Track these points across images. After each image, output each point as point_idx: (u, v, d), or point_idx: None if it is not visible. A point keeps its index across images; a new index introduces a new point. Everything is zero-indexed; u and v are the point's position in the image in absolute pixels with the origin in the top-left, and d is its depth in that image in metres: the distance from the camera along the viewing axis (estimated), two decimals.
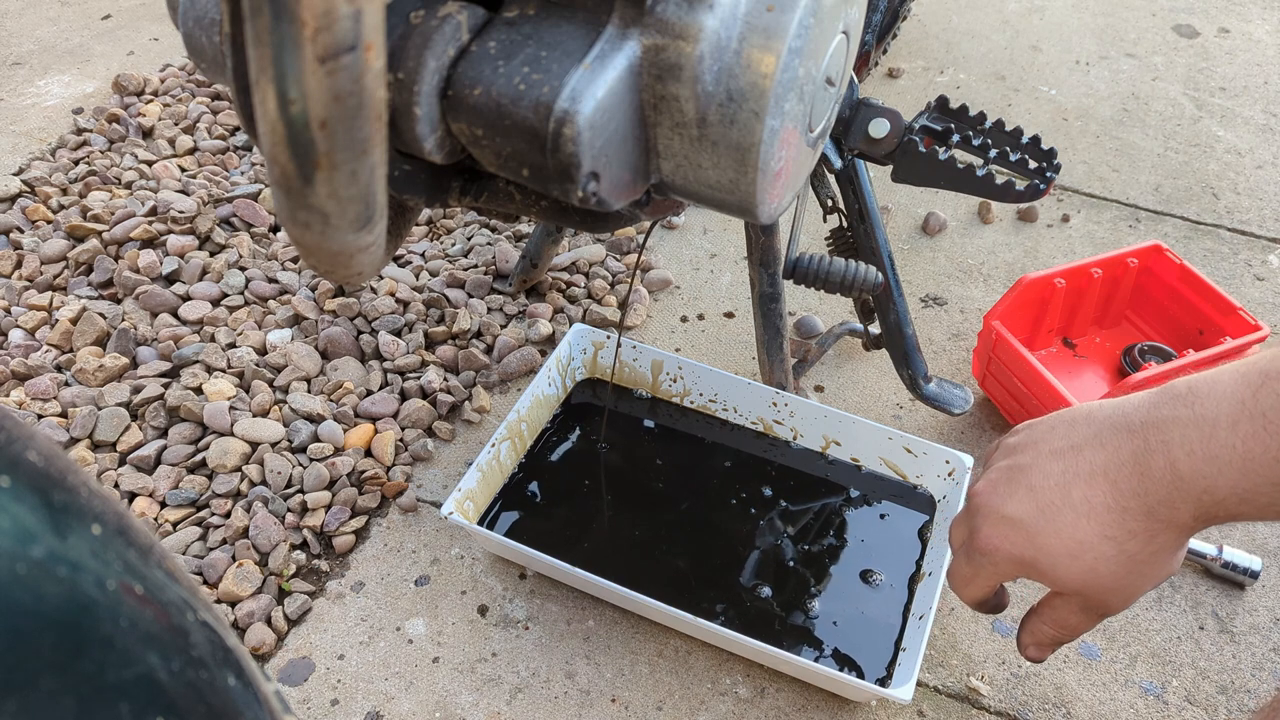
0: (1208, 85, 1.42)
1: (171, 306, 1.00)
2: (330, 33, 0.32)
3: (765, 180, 0.50)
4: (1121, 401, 0.47)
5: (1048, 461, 0.47)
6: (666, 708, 0.74)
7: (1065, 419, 0.49)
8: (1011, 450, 0.50)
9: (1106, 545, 0.45)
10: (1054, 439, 0.48)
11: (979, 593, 0.52)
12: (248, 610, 0.77)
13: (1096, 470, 0.45)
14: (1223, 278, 1.11)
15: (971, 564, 0.50)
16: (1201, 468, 0.42)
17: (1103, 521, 0.45)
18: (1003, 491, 0.48)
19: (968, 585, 0.52)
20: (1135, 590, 0.47)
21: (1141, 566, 0.46)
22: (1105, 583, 0.46)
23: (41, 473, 0.23)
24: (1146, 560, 0.46)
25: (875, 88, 1.40)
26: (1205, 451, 0.42)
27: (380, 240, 0.43)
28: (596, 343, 0.93)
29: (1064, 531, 0.46)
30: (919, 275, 1.11)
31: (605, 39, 0.46)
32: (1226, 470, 0.42)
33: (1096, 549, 0.45)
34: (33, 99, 1.31)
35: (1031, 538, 0.47)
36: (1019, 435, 0.51)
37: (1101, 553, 0.45)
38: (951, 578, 0.53)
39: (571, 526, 0.82)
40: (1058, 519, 0.46)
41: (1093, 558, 0.46)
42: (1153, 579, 0.47)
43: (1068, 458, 0.47)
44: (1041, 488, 0.47)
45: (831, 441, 0.88)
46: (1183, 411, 0.43)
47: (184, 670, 0.23)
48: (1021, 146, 0.74)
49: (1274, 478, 0.41)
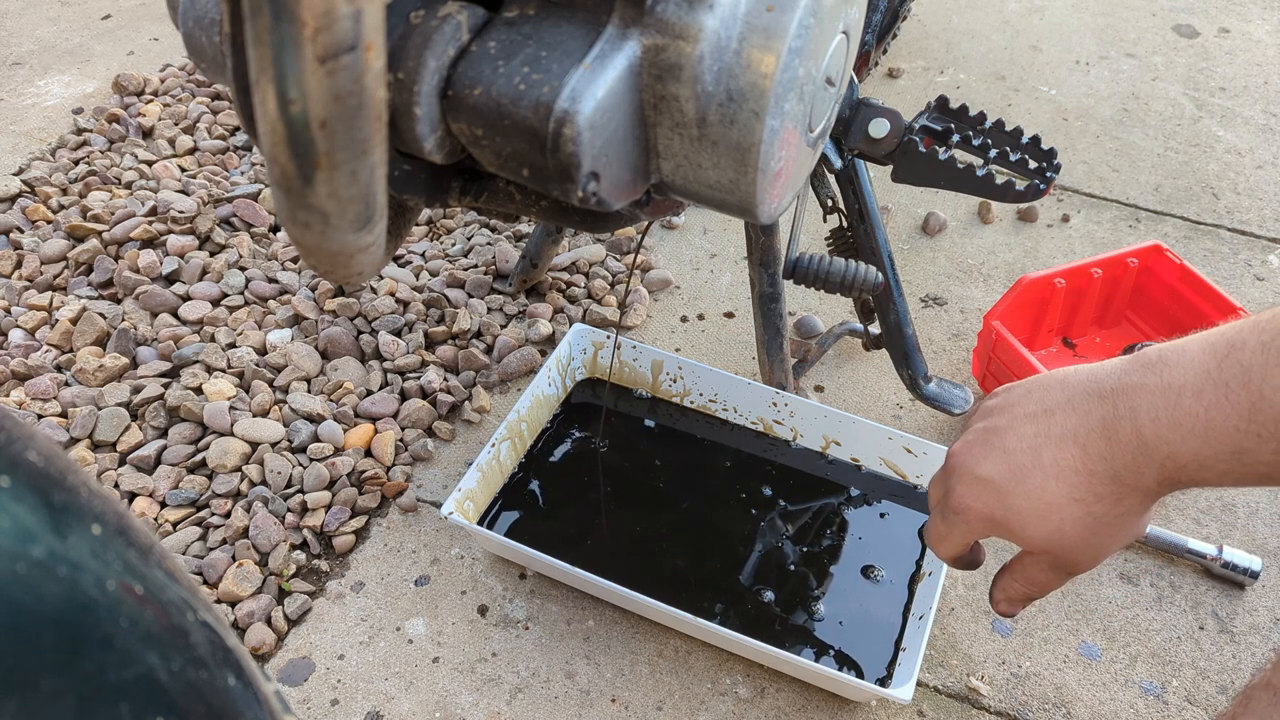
0: (1208, 85, 1.42)
1: (171, 306, 1.00)
2: (330, 33, 0.32)
3: (765, 180, 0.50)
4: (1095, 367, 0.48)
5: (1022, 424, 0.49)
6: (666, 708, 0.74)
7: (1041, 383, 0.50)
8: (988, 413, 0.52)
9: (1074, 507, 0.47)
10: (1029, 403, 0.49)
11: (953, 549, 0.54)
12: (248, 610, 0.77)
13: (1067, 434, 0.46)
14: (1223, 278, 1.11)
15: (946, 522, 0.52)
16: (1166, 434, 0.43)
17: (1071, 484, 0.46)
18: (977, 453, 0.50)
19: (942, 542, 0.54)
20: (1102, 550, 0.49)
21: (1107, 528, 0.47)
22: (1072, 542, 0.48)
23: (41, 473, 0.23)
24: (1112, 522, 0.47)
25: (875, 88, 1.40)
26: (1170, 418, 0.43)
27: (380, 240, 0.43)
28: (596, 343, 0.93)
29: (1033, 493, 0.47)
30: (919, 275, 1.11)
31: (605, 39, 0.46)
32: (1189, 437, 0.43)
33: (1064, 510, 0.47)
34: (33, 99, 1.31)
35: (1002, 498, 0.48)
36: (997, 398, 0.52)
37: (1069, 514, 0.47)
38: (928, 535, 0.55)
39: (571, 526, 0.82)
40: (1028, 480, 0.47)
41: (1060, 518, 0.47)
42: (1118, 540, 0.48)
43: (1040, 421, 0.48)
44: (1014, 450, 0.48)
45: (831, 441, 0.88)
46: (1151, 379, 0.44)
47: (184, 670, 0.23)
48: (1021, 146, 0.74)
49: (1233, 446, 0.42)
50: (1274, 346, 0.41)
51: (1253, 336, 0.42)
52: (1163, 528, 0.85)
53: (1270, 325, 0.42)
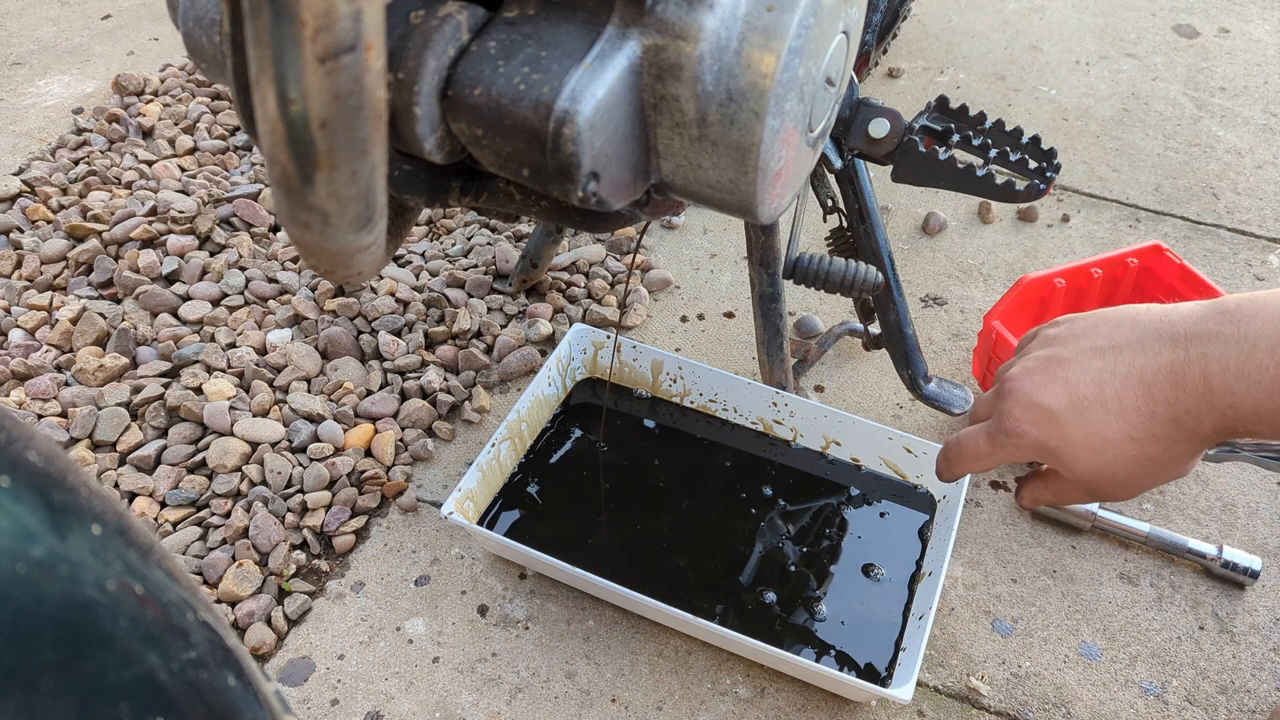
0: (1208, 85, 1.42)
1: (171, 306, 1.00)
2: (330, 33, 0.32)
3: (765, 180, 0.50)
4: (1169, 309, 0.48)
5: (1088, 358, 0.49)
6: (666, 708, 0.74)
7: (1110, 318, 0.50)
8: (1050, 341, 0.52)
9: (1129, 445, 0.47)
10: (1095, 336, 0.50)
11: (984, 468, 0.55)
12: (248, 610, 0.77)
13: (1133, 373, 0.47)
14: (1223, 278, 1.11)
15: (992, 442, 0.52)
16: (1233, 384, 0.44)
17: (1130, 423, 0.47)
18: (1038, 380, 0.50)
19: (979, 460, 0.54)
20: (1143, 487, 0.50)
21: (1157, 468, 0.48)
22: (1119, 478, 0.49)
23: (41, 473, 0.23)
24: (1163, 463, 0.48)
25: (875, 88, 1.40)
26: (1239, 369, 0.44)
27: (380, 240, 0.43)
28: (596, 343, 0.93)
29: (1091, 427, 0.48)
30: (919, 275, 1.11)
31: (605, 39, 0.46)
32: (1254, 389, 0.43)
33: (1119, 447, 0.48)
34: (33, 99, 1.31)
35: (1059, 428, 0.49)
36: (1059, 328, 0.52)
37: (1123, 451, 0.48)
38: (961, 449, 0.55)
39: (571, 526, 0.82)
40: (1088, 414, 0.48)
41: (1114, 454, 0.48)
42: (1162, 480, 0.49)
43: (1108, 356, 0.48)
44: (1078, 382, 0.49)
45: (831, 441, 0.88)
46: (1227, 328, 0.45)
47: (184, 670, 0.23)
48: (1021, 146, 0.74)
49: None
50: None
51: None
52: (1163, 528, 0.85)
53: None
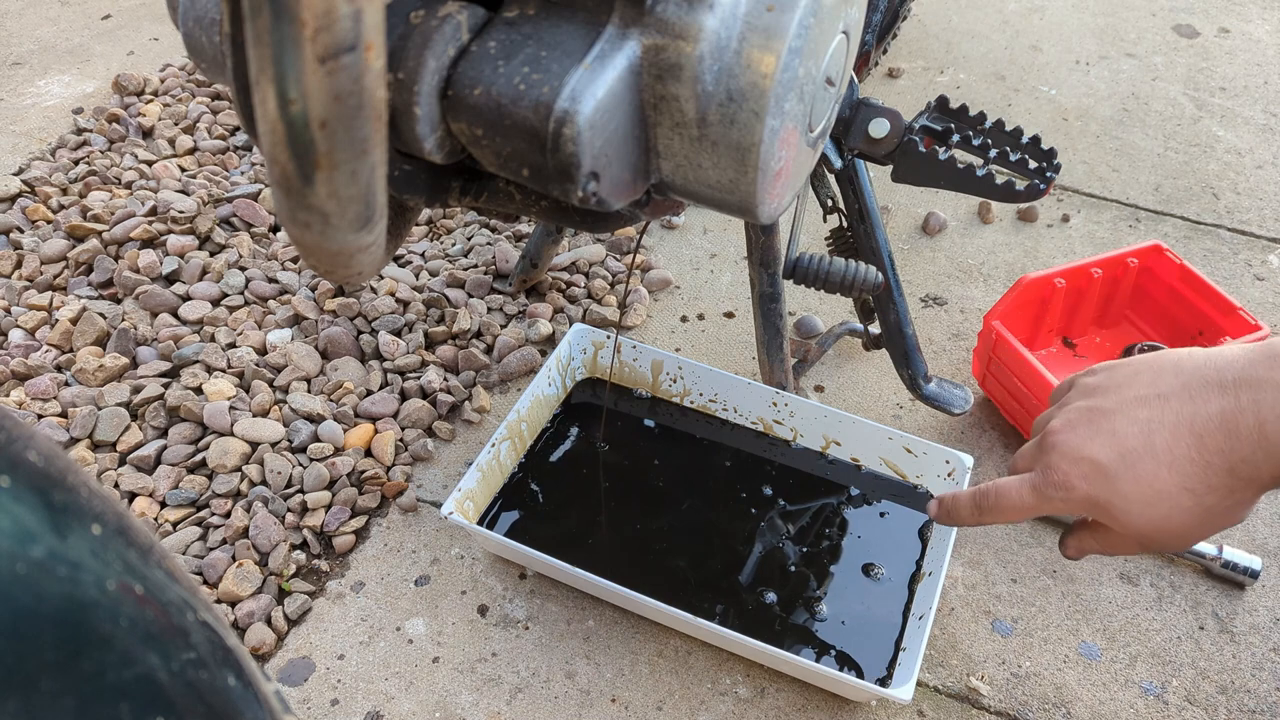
0: (1208, 85, 1.42)
1: (171, 306, 1.00)
2: (330, 33, 0.32)
3: (765, 180, 0.50)
4: (1214, 354, 0.47)
5: (1133, 408, 0.48)
6: (666, 708, 0.74)
7: (1152, 365, 0.49)
8: (1091, 391, 0.51)
9: (1185, 497, 0.46)
10: (1139, 385, 0.48)
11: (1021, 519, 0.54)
12: (248, 610, 0.77)
13: (1183, 422, 0.46)
14: (1223, 278, 1.11)
15: (1038, 495, 0.51)
16: None
17: (1184, 474, 0.46)
18: (1084, 432, 0.49)
19: (1019, 513, 0.53)
20: (1197, 538, 0.48)
21: (1214, 517, 0.47)
22: (1175, 529, 0.47)
23: (41, 473, 0.23)
24: (1220, 512, 0.46)
25: (875, 88, 1.40)
26: None
27: (380, 240, 0.43)
28: (596, 343, 0.93)
29: (1144, 479, 0.46)
30: (919, 275, 1.11)
31: (605, 39, 0.46)
32: None
33: (1174, 499, 0.46)
34: (33, 99, 1.31)
35: (1110, 481, 0.48)
36: (1098, 376, 0.51)
37: (1179, 503, 0.46)
38: (1000, 499, 0.54)
39: (571, 526, 0.82)
40: (1139, 466, 0.47)
41: (1169, 507, 0.46)
42: (1220, 528, 0.48)
43: (1154, 406, 0.47)
44: (1125, 433, 0.47)
45: (831, 441, 0.88)
46: (1278, 374, 0.43)
47: (184, 670, 0.23)
48: (1021, 146, 0.74)
49: None
50: None
51: None
52: None
53: None
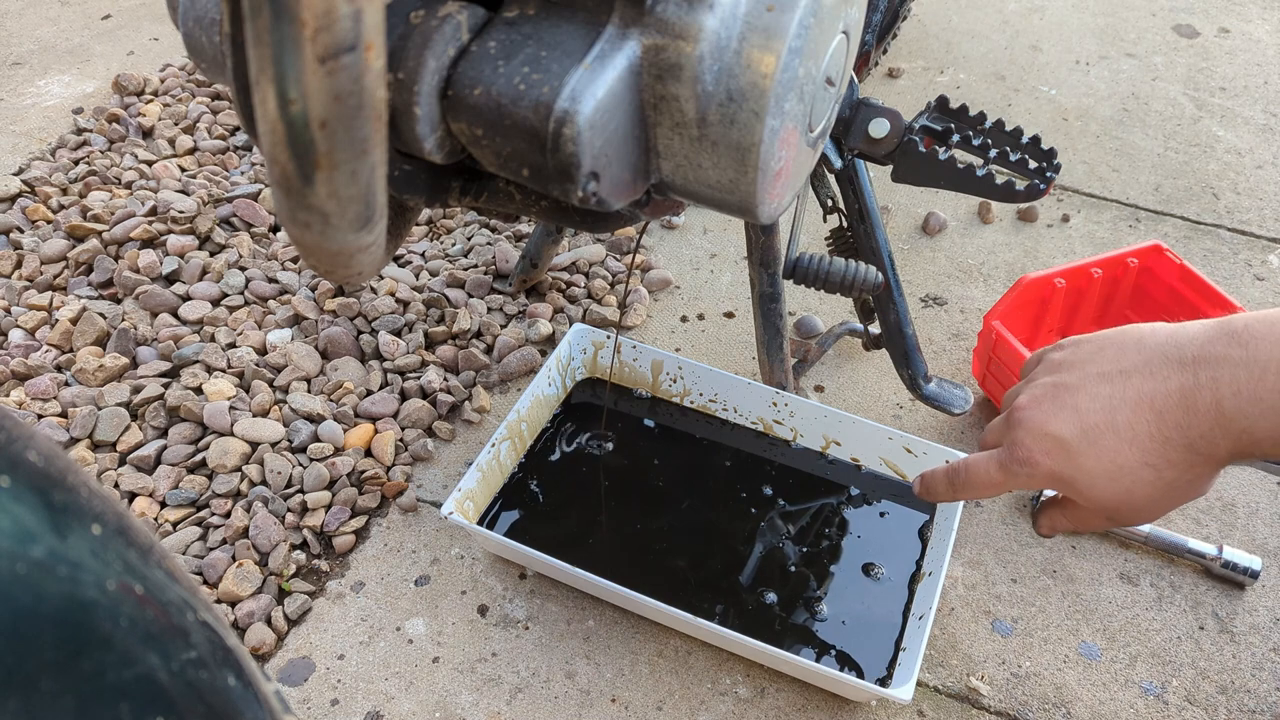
0: (1208, 85, 1.42)
1: (171, 306, 1.00)
2: (330, 33, 0.32)
3: (765, 180, 0.50)
4: (1176, 330, 0.48)
5: (1095, 384, 0.48)
6: (666, 708, 0.74)
7: (1115, 341, 0.50)
8: (1056, 367, 0.51)
9: (1146, 471, 0.47)
10: (1102, 361, 0.49)
11: (992, 495, 0.55)
12: (248, 610, 0.77)
13: (1144, 398, 0.47)
14: (1223, 278, 1.11)
15: (1004, 472, 0.52)
16: (1246, 408, 0.44)
17: (1145, 449, 0.47)
18: (1047, 408, 0.50)
19: (988, 489, 0.54)
20: (1163, 511, 0.49)
21: (1175, 491, 0.48)
22: (1138, 503, 0.49)
23: (41, 473, 0.23)
24: (1181, 486, 0.48)
25: (875, 88, 1.40)
26: (1252, 394, 0.43)
27: (380, 240, 0.43)
28: (596, 342, 0.93)
29: (1105, 455, 0.48)
30: (919, 275, 1.11)
31: (605, 39, 0.46)
32: (1269, 414, 0.43)
33: (1135, 474, 0.47)
34: (33, 99, 1.31)
35: (1073, 457, 0.49)
36: (1064, 352, 0.52)
37: (1140, 478, 0.47)
38: (970, 475, 0.55)
39: (571, 526, 0.82)
40: (1101, 441, 0.48)
41: (1130, 481, 0.48)
42: (1181, 502, 0.49)
43: (1116, 382, 0.48)
44: (1088, 409, 0.48)
45: (831, 441, 0.88)
46: (1236, 351, 0.44)
47: (184, 670, 0.23)
48: (1021, 146, 0.74)
49: None
50: None
51: None
52: (1163, 528, 0.85)
53: None
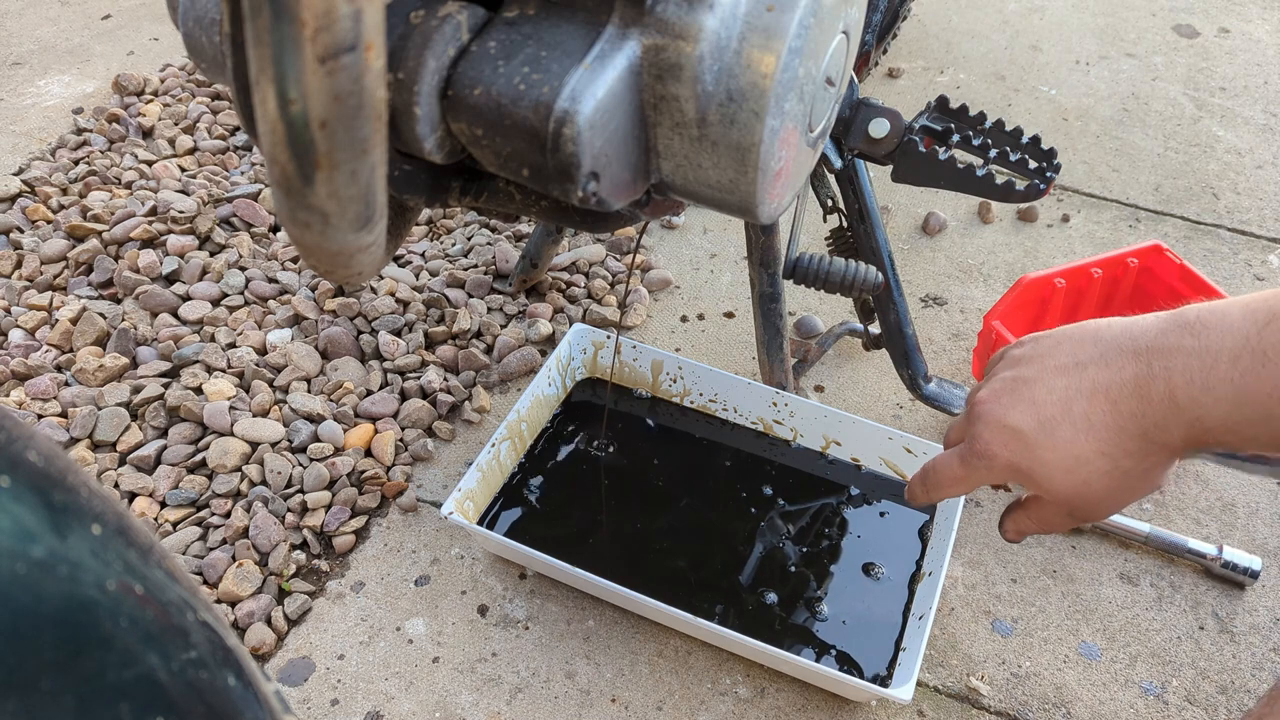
0: (1208, 85, 1.42)
1: (171, 306, 1.00)
2: (330, 33, 0.32)
3: (765, 180, 0.50)
4: (1130, 323, 0.48)
5: (1052, 376, 0.49)
6: (666, 708, 0.74)
7: (1073, 335, 0.50)
8: (1016, 361, 0.52)
9: (1101, 461, 0.47)
10: (1060, 354, 0.49)
11: (961, 492, 0.55)
12: (248, 610, 0.77)
13: (1099, 389, 0.47)
14: (1223, 278, 1.11)
15: (966, 466, 0.52)
16: (1198, 396, 0.44)
17: (1100, 439, 0.47)
18: (1006, 401, 0.50)
19: (954, 485, 0.54)
20: (1121, 503, 0.50)
21: (1131, 481, 0.48)
22: (1096, 494, 0.49)
23: (41, 473, 0.23)
24: (1137, 476, 0.48)
25: (875, 88, 1.40)
26: (1204, 382, 0.44)
27: (380, 240, 0.43)
28: (596, 342, 0.93)
29: (1061, 445, 0.48)
30: (919, 275, 1.11)
31: (605, 39, 0.46)
32: (1221, 402, 0.43)
33: (1092, 464, 0.48)
34: (33, 99, 1.31)
35: (1030, 448, 0.49)
36: (1024, 347, 0.52)
37: (1096, 468, 0.48)
38: (937, 474, 0.55)
39: (571, 526, 0.82)
40: (1057, 432, 0.48)
41: (1087, 471, 0.48)
42: (1139, 493, 0.49)
43: (1072, 374, 0.48)
44: (1044, 401, 0.49)
45: (831, 441, 0.88)
46: (1189, 341, 0.44)
47: (184, 670, 0.23)
48: (1021, 146, 0.74)
49: (1263, 413, 0.43)
50: None
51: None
52: (1163, 528, 0.85)
53: None
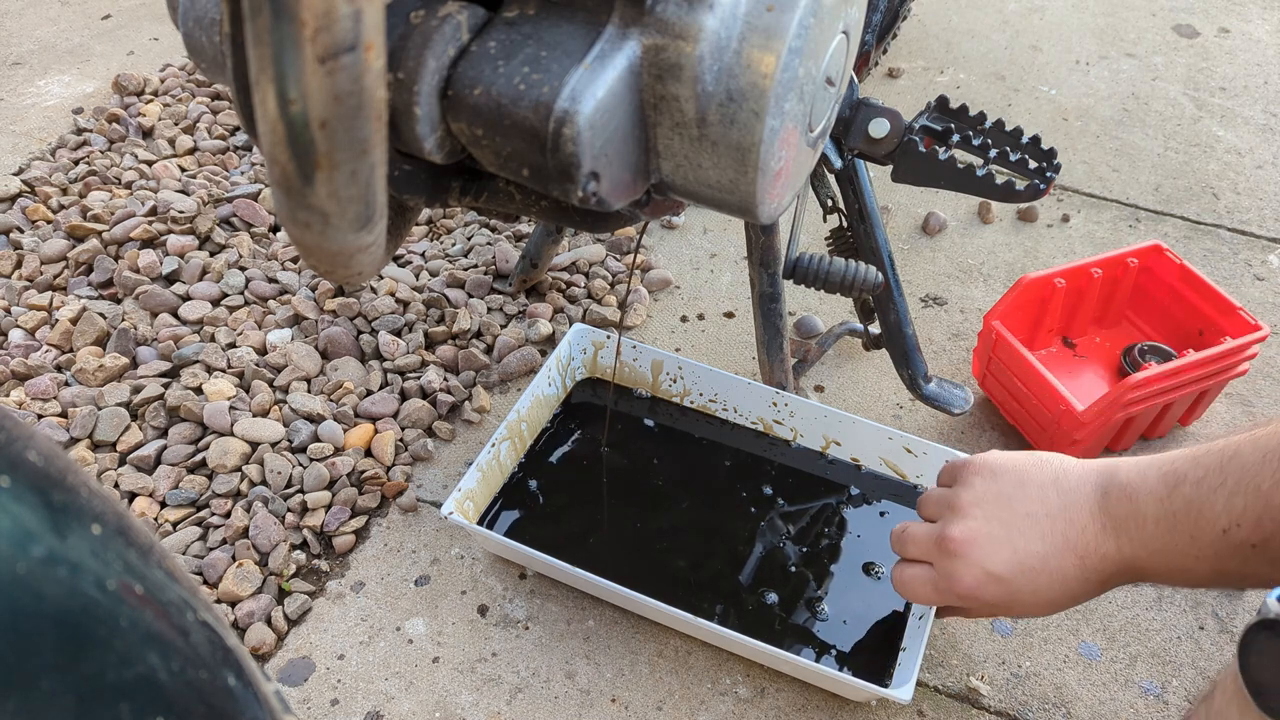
0: (1208, 85, 1.42)
1: (171, 306, 1.00)
2: (330, 33, 0.32)
3: (765, 180, 0.50)
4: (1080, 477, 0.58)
5: (1024, 523, 0.58)
6: (666, 708, 0.74)
7: (1034, 479, 0.59)
8: (980, 501, 0.60)
9: (1065, 599, 0.58)
10: (1027, 501, 0.58)
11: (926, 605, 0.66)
12: (248, 610, 0.77)
13: (1069, 545, 0.57)
14: (1223, 278, 1.11)
15: (940, 595, 0.62)
16: (1138, 551, 0.55)
17: (1068, 583, 0.57)
18: (986, 548, 0.58)
19: (928, 603, 0.64)
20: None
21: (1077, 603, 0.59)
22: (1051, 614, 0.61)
23: (41, 473, 0.23)
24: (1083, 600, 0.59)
25: (875, 88, 1.40)
26: (1140, 540, 0.54)
27: (380, 240, 0.43)
28: (596, 342, 0.93)
29: (1040, 591, 0.58)
30: (919, 275, 1.11)
31: (605, 39, 0.46)
32: (1153, 556, 0.54)
33: (1056, 601, 0.58)
34: (33, 99, 1.31)
35: (1011, 593, 0.59)
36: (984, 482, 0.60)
37: (1058, 602, 0.58)
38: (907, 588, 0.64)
39: (571, 526, 0.82)
40: (1037, 580, 0.58)
41: (1049, 604, 0.59)
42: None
43: (1044, 526, 0.57)
44: (1024, 553, 0.57)
45: (831, 441, 0.88)
46: (1125, 506, 0.55)
47: (184, 670, 0.23)
48: (1021, 146, 0.74)
49: (1180, 565, 0.53)
50: (1205, 483, 0.51)
51: (1192, 471, 0.53)
52: None
53: (1204, 459, 0.52)
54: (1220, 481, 0.51)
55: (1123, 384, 0.83)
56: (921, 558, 0.63)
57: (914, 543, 0.64)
